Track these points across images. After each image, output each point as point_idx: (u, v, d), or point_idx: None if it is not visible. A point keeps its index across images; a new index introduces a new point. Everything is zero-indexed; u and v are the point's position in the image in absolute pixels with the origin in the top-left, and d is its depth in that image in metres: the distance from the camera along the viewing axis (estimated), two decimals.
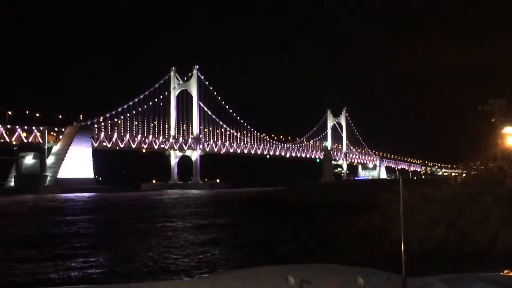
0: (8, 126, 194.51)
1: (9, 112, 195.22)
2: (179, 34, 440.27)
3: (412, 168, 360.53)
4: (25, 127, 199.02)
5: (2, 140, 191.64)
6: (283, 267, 9.74)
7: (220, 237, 49.56)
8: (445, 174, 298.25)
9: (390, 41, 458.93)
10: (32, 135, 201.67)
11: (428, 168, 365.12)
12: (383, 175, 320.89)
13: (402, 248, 8.92)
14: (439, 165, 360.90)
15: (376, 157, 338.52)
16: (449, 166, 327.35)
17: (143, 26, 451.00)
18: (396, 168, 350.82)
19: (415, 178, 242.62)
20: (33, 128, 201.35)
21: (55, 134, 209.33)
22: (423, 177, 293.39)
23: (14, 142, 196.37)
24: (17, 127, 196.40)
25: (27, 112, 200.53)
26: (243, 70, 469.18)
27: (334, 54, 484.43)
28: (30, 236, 52.02)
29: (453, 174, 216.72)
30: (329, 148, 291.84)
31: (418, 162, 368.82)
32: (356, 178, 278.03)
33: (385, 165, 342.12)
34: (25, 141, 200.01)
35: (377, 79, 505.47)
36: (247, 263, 30.33)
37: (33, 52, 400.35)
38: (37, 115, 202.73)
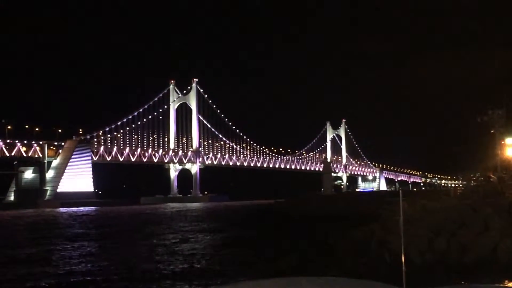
0: (8, 141, 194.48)
1: (9, 127, 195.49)
2: (178, 48, 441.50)
3: (412, 180, 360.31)
4: (25, 142, 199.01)
5: (1, 155, 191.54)
6: (283, 280, 9.74)
7: (220, 250, 49.48)
8: (445, 185, 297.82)
9: (390, 55, 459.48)
10: (32, 150, 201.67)
11: (428, 180, 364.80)
12: (383, 186, 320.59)
13: (403, 259, 8.94)
14: (438, 176, 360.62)
15: (376, 169, 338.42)
16: (449, 177, 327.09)
17: (143, 40, 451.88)
18: (396, 180, 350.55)
19: (415, 189, 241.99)
20: (33, 142, 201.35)
21: (54, 148, 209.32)
22: (423, 188, 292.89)
23: (14, 156, 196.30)
24: (16, 141, 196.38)
25: (26, 126, 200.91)
26: (242, 82, 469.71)
27: (333, 67, 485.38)
28: (29, 251, 51.91)
29: (453, 185, 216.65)
30: (328, 160, 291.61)
31: (418, 174, 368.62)
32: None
33: (384, 176, 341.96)
34: (25, 155, 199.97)
35: (376, 91, 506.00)
36: (247, 276, 30.29)
37: (32, 67, 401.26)
38: (37, 129, 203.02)
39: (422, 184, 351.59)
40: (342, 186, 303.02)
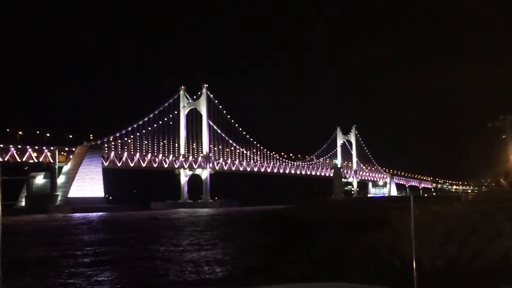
0: (19, 147, 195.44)
1: (20, 133, 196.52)
2: (187, 52, 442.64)
3: (422, 185, 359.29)
4: (36, 147, 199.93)
5: (13, 160, 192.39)
6: (294, 286, 9.74)
7: (231, 255, 49.47)
8: (456, 190, 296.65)
9: (406, 59, 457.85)
10: (43, 155, 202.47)
11: (439, 185, 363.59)
12: (394, 192, 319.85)
13: (414, 265, 8.91)
14: (449, 182, 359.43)
15: (387, 174, 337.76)
16: (460, 182, 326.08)
17: (154, 45, 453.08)
18: (407, 185, 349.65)
19: (425, 195, 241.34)
20: (44, 148, 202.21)
21: (65, 153, 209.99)
22: (434, 194, 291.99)
23: (25, 162, 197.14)
24: (27, 147, 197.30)
25: (37, 132, 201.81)
26: (252, 87, 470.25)
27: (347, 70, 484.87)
28: (40, 256, 52.07)
29: (464, 190, 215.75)
30: (339, 166, 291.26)
31: (429, 179, 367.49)
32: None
33: (395, 182, 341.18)
34: (36, 161, 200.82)
35: (388, 96, 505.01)
36: (258, 282, 30.24)
37: (43, 73, 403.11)
38: (47, 135, 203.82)
39: (433, 189, 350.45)
40: (352, 192, 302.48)
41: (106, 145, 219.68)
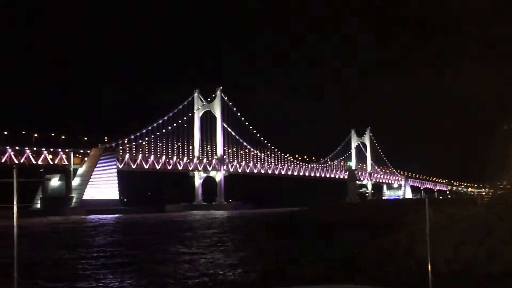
0: (35, 149, 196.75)
1: (35, 135, 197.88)
2: (201, 54, 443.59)
3: (437, 188, 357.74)
4: (51, 150, 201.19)
5: (28, 163, 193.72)
6: None
7: (246, 258, 49.47)
8: (471, 193, 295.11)
9: (423, 61, 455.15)
10: (58, 157, 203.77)
11: (454, 188, 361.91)
12: (408, 194, 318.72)
13: (429, 268, 8.87)
14: (465, 184, 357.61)
15: (401, 176, 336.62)
16: (476, 185, 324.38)
17: (172, 48, 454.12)
18: (422, 188, 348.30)
19: (440, 197, 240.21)
20: (59, 150, 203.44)
21: (80, 156, 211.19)
22: (449, 196, 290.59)
23: (40, 164, 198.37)
24: (43, 149, 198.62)
25: (52, 134, 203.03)
26: (266, 89, 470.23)
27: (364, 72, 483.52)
28: (55, 257, 52.31)
29: (480, 193, 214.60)
30: (353, 168, 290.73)
31: (444, 182, 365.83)
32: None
33: (410, 184, 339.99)
34: (51, 163, 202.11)
35: (399, 97, 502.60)
36: (274, 285, 30.21)
37: (59, 76, 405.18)
38: (63, 137, 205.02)
39: (448, 192, 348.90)
40: (367, 194, 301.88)
41: (120, 147, 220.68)
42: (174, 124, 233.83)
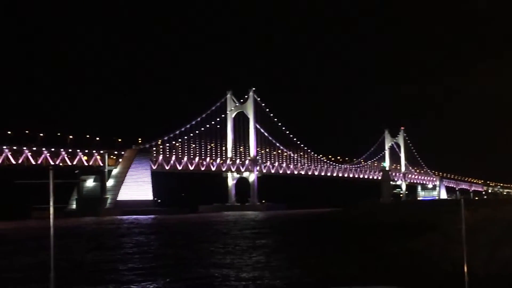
0: (70, 150, 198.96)
1: (70, 137, 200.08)
2: (235, 55, 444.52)
3: (473, 188, 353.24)
4: (86, 151, 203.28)
5: (64, 164, 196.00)
6: None
7: (278, 258, 49.39)
8: (508, 193, 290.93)
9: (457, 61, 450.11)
10: (93, 159, 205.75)
11: (490, 188, 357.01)
12: (443, 195, 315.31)
13: (465, 269, 8.74)
14: (501, 185, 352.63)
15: (436, 177, 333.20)
16: None
17: (204, 48, 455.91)
18: (457, 188, 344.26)
19: (476, 198, 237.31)
20: (94, 151, 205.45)
21: (114, 157, 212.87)
22: (485, 197, 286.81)
23: (75, 165, 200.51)
24: (78, 151, 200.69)
25: (87, 136, 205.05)
26: (300, 89, 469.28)
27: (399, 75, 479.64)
28: (91, 258, 52.77)
29: None
30: (387, 169, 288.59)
31: (480, 182, 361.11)
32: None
33: (445, 185, 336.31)
34: (86, 164, 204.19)
35: (439, 98, 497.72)
36: (307, 284, 30.16)
37: (92, 79, 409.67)
38: (97, 139, 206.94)
39: (484, 192, 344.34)
40: (401, 195, 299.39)
41: (154, 148, 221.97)
42: (207, 125, 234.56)
